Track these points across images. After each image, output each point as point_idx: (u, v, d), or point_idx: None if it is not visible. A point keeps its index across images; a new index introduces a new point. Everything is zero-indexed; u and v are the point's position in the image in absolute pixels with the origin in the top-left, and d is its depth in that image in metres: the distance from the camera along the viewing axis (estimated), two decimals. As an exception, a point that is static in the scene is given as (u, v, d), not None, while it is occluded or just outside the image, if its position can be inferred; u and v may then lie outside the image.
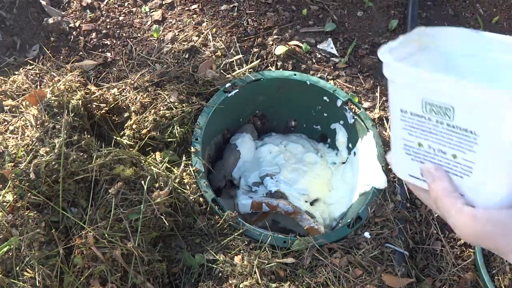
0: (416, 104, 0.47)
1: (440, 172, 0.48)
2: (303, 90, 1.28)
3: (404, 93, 0.47)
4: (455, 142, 0.46)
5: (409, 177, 0.52)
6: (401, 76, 0.46)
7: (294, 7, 1.46)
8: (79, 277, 0.86)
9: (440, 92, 0.44)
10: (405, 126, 0.49)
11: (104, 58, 1.36)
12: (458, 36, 0.51)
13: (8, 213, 0.91)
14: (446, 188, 0.47)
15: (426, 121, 0.47)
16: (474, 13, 1.50)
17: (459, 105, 0.44)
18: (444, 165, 0.48)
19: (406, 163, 0.52)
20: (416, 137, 0.49)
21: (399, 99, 0.49)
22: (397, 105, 0.49)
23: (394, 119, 0.50)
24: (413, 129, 0.49)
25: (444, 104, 0.44)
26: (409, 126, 0.49)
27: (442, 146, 0.47)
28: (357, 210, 1.12)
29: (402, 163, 0.52)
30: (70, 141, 0.98)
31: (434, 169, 0.49)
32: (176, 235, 0.99)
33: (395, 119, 0.50)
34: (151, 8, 1.46)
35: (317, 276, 0.95)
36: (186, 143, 1.13)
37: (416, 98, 0.46)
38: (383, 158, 1.17)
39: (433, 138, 0.48)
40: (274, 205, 1.16)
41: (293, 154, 1.35)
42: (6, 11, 1.41)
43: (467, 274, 1.06)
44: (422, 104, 0.46)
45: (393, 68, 0.47)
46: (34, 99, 1.06)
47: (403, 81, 0.47)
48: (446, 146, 0.47)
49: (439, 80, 0.43)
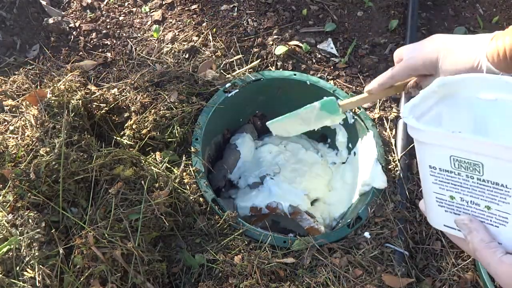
0: (444, 161, 0.47)
1: (476, 223, 0.48)
2: (303, 90, 1.28)
3: (431, 151, 0.48)
4: (488, 194, 0.46)
5: (445, 227, 0.53)
6: (426, 136, 0.47)
7: (294, 7, 1.46)
8: (79, 277, 0.86)
9: (467, 150, 0.45)
10: (435, 181, 0.50)
11: (104, 58, 1.36)
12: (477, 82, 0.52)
13: (8, 213, 0.91)
14: (483, 239, 0.47)
15: (456, 176, 0.48)
16: (474, 13, 1.50)
17: (488, 161, 0.44)
18: (478, 216, 0.49)
19: (440, 214, 0.52)
20: (447, 191, 0.49)
21: (426, 156, 0.49)
22: (425, 161, 0.49)
23: (424, 174, 0.51)
24: (444, 184, 0.49)
25: (473, 161, 0.45)
26: (439, 181, 0.49)
27: (475, 198, 0.48)
28: (357, 210, 1.12)
29: (436, 215, 0.53)
30: (70, 141, 0.98)
31: (469, 220, 0.49)
32: (176, 235, 0.99)
33: (425, 174, 0.50)
34: (151, 8, 1.46)
35: (317, 276, 0.95)
36: (186, 143, 1.13)
37: (444, 156, 0.47)
38: (383, 158, 1.17)
39: (464, 191, 0.48)
40: (274, 207, 1.16)
41: (293, 154, 1.35)
42: (6, 11, 1.41)
43: (467, 274, 1.06)
44: (451, 161, 0.47)
45: (417, 130, 0.47)
46: (34, 99, 1.06)
47: (429, 141, 0.47)
48: (479, 198, 0.47)
49: (466, 140, 0.44)
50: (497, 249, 0.46)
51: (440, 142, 0.46)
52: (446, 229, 0.53)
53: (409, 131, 0.49)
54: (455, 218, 0.50)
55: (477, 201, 0.48)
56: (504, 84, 0.50)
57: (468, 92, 0.53)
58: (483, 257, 0.47)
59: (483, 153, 0.44)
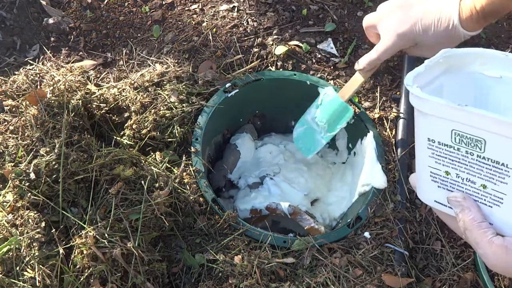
0: (444, 134, 0.46)
1: (469, 201, 0.47)
2: (303, 90, 1.28)
3: (432, 123, 0.46)
4: (486, 173, 0.45)
5: (435, 203, 0.52)
6: (429, 107, 0.45)
7: (294, 7, 1.46)
8: (79, 277, 0.86)
9: (471, 125, 0.43)
10: (432, 154, 0.48)
11: (104, 58, 1.36)
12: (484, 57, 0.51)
13: (8, 213, 0.91)
14: (475, 218, 0.46)
15: (455, 151, 0.46)
16: (474, 13, 1.50)
17: (491, 138, 0.43)
18: (472, 194, 0.48)
19: (432, 189, 0.51)
20: (443, 166, 0.48)
21: (426, 128, 0.48)
22: (424, 134, 0.48)
23: (420, 146, 0.49)
24: (441, 158, 0.48)
25: (475, 136, 0.44)
26: (436, 155, 0.48)
27: (472, 176, 0.47)
28: (357, 210, 1.12)
29: (427, 189, 0.52)
30: (70, 141, 0.98)
31: (462, 198, 0.48)
32: (176, 235, 0.99)
33: (421, 146, 0.49)
34: (151, 8, 1.46)
35: (317, 276, 0.95)
36: (186, 143, 1.13)
37: (445, 129, 0.45)
38: (383, 158, 1.17)
39: (461, 168, 0.47)
40: (273, 208, 1.17)
41: (293, 154, 1.35)
42: (6, 11, 1.42)
43: (467, 274, 1.06)
44: (452, 135, 0.45)
45: (421, 99, 0.46)
46: (34, 99, 1.06)
47: (431, 112, 0.46)
48: (476, 176, 0.46)
49: (470, 113, 0.42)
50: (488, 229, 0.46)
51: (443, 114, 0.44)
52: (436, 205, 0.52)
53: (411, 100, 0.47)
54: (448, 194, 0.49)
55: (474, 179, 0.47)
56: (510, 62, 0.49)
57: (473, 67, 0.51)
58: (473, 237, 0.46)
59: (488, 129, 0.42)
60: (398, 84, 1.35)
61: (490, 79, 0.51)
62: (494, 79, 0.51)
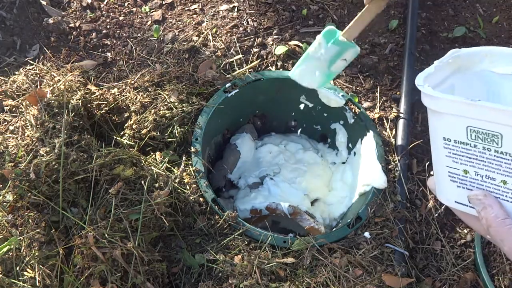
0: (460, 132, 0.45)
1: (490, 199, 0.47)
2: (303, 90, 1.28)
3: (446, 121, 0.46)
4: (505, 168, 0.45)
5: (456, 204, 0.51)
6: (443, 105, 0.45)
7: (294, 7, 1.46)
8: (79, 277, 0.86)
9: (486, 119, 0.43)
10: (449, 154, 0.48)
11: (104, 58, 1.36)
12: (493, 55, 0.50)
13: (8, 213, 0.91)
14: (498, 215, 0.46)
15: (471, 148, 0.46)
16: (474, 13, 1.50)
17: (507, 132, 0.42)
18: (493, 191, 0.47)
19: (451, 190, 0.50)
20: (461, 164, 0.48)
21: (441, 127, 0.47)
22: (439, 133, 0.47)
23: (436, 146, 0.49)
24: (458, 157, 0.47)
25: (491, 131, 0.43)
26: (453, 154, 0.47)
27: (491, 172, 0.46)
28: (357, 210, 1.12)
29: (447, 190, 0.51)
30: (70, 141, 0.98)
31: (483, 195, 0.47)
32: (176, 235, 0.99)
33: (437, 146, 0.48)
34: (151, 8, 1.46)
35: (317, 276, 0.95)
36: (186, 143, 1.13)
37: (460, 126, 0.45)
38: (383, 158, 1.17)
39: (480, 165, 0.46)
40: (273, 208, 1.16)
41: (293, 154, 1.35)
42: (6, 11, 1.42)
43: (467, 274, 1.06)
44: (467, 132, 0.45)
45: (434, 98, 0.45)
46: (34, 99, 1.06)
47: (445, 110, 0.45)
48: (495, 172, 0.46)
49: (485, 108, 0.42)
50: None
51: (457, 111, 0.44)
52: (457, 206, 0.51)
53: (424, 100, 0.47)
54: (468, 193, 0.48)
55: (493, 175, 0.46)
56: None
57: (483, 65, 0.51)
58: (497, 234, 0.45)
59: (504, 123, 0.42)
60: (398, 84, 1.35)
61: (500, 77, 0.51)
62: (504, 76, 0.50)
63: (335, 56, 1.07)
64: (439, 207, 1.16)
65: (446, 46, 1.43)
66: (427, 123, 1.42)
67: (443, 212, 1.16)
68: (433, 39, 1.44)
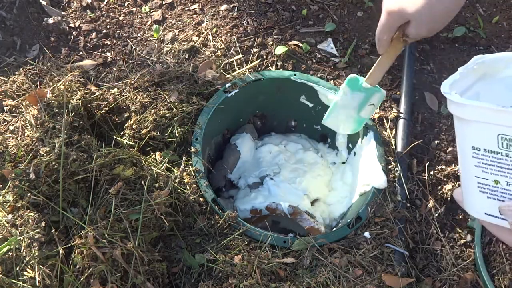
0: (490, 141, 0.43)
1: None
2: (303, 90, 1.28)
3: (475, 129, 0.44)
4: None
5: (486, 216, 0.49)
6: (472, 113, 0.43)
7: (294, 7, 1.46)
8: (79, 277, 0.86)
9: None
10: (478, 164, 0.46)
11: (104, 58, 1.36)
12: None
13: (8, 213, 0.91)
14: None
15: (503, 158, 0.44)
16: (474, 13, 1.50)
17: None
18: None
19: (481, 201, 0.48)
20: (492, 174, 0.46)
21: (469, 136, 0.45)
22: (468, 142, 0.45)
23: (464, 156, 0.47)
24: (488, 166, 0.45)
25: None
26: (482, 164, 0.45)
27: None
28: (357, 210, 1.12)
29: (476, 202, 0.49)
30: (70, 141, 0.98)
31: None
32: (176, 235, 0.99)
33: (466, 156, 0.46)
34: (151, 8, 1.46)
35: (317, 276, 0.95)
36: (186, 143, 1.13)
37: (491, 134, 0.43)
38: (383, 158, 1.17)
39: None
40: (273, 208, 1.17)
41: (293, 154, 1.35)
42: (6, 11, 1.42)
43: (467, 274, 1.06)
44: (498, 140, 0.43)
45: (461, 105, 0.43)
46: (34, 99, 1.06)
47: (474, 118, 0.43)
48: None
49: None
50: None
51: (487, 118, 0.42)
52: (487, 218, 0.49)
53: (450, 108, 0.45)
54: (500, 204, 0.46)
55: None
56: None
57: (508, 71, 0.49)
58: None
59: None
60: (398, 84, 1.35)
61: None
62: None
63: (362, 103, 1.10)
64: (439, 207, 1.16)
65: (446, 46, 1.43)
66: (427, 123, 1.42)
67: (443, 212, 1.16)
68: (433, 39, 1.44)
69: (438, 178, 1.21)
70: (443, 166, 1.22)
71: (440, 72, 1.39)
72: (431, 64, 1.40)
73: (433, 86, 1.36)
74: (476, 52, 1.42)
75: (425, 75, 1.38)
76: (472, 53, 1.42)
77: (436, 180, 1.20)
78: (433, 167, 1.22)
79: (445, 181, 1.20)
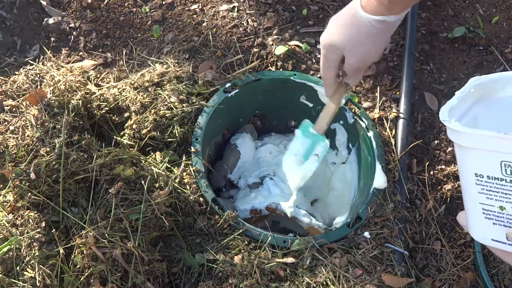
0: (493, 167, 0.42)
1: None
2: (303, 90, 1.28)
3: (477, 157, 0.43)
4: None
5: (493, 242, 0.48)
6: (473, 141, 0.42)
7: (294, 7, 1.46)
8: (79, 277, 0.86)
9: None
10: (482, 190, 0.45)
11: (104, 58, 1.36)
12: None
13: (8, 213, 0.91)
14: None
15: (507, 184, 0.43)
16: (474, 13, 1.50)
17: None
18: None
19: (486, 227, 0.47)
20: (496, 201, 0.45)
21: (472, 163, 0.44)
22: (470, 169, 0.45)
23: (467, 183, 0.46)
24: (493, 193, 0.44)
25: None
26: (486, 190, 0.45)
27: None
28: (357, 210, 1.12)
29: (482, 228, 0.48)
30: (70, 141, 0.98)
31: None
32: (176, 235, 0.99)
33: (469, 183, 0.46)
34: (151, 8, 1.46)
35: (317, 276, 0.95)
36: (186, 143, 1.13)
37: (493, 161, 0.42)
38: (383, 158, 1.17)
39: None
40: (273, 208, 1.17)
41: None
42: (6, 11, 1.42)
43: (467, 274, 1.06)
44: (501, 167, 0.42)
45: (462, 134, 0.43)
46: (34, 99, 1.06)
47: (476, 146, 0.42)
48: None
49: None
50: None
51: (490, 146, 0.41)
52: (494, 244, 0.48)
53: (450, 136, 0.45)
54: (507, 231, 0.45)
55: None
56: None
57: (505, 92, 0.49)
58: None
59: None
60: (398, 84, 1.35)
61: None
62: None
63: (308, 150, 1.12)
64: (439, 207, 1.16)
65: (446, 46, 1.43)
66: (426, 123, 1.42)
67: (443, 212, 1.16)
68: (433, 39, 1.44)
69: (438, 178, 1.21)
70: (443, 166, 1.22)
71: (440, 72, 1.39)
72: (431, 64, 1.40)
73: (433, 86, 1.36)
74: (476, 52, 1.42)
75: (425, 75, 1.38)
76: (472, 53, 1.42)
77: (436, 180, 1.20)
78: (433, 167, 1.22)
79: (445, 181, 1.20)
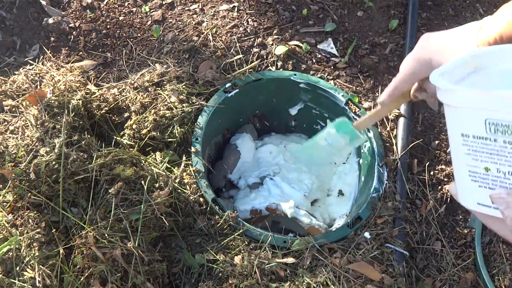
0: (478, 126, 0.42)
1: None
2: (303, 90, 1.28)
3: (463, 116, 0.43)
4: None
5: (478, 206, 0.48)
6: (458, 98, 0.43)
7: (294, 7, 1.46)
8: (79, 277, 0.86)
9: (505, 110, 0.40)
10: (468, 151, 0.45)
11: (104, 58, 1.36)
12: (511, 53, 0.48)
13: (8, 213, 0.91)
14: None
15: (491, 143, 0.43)
16: (474, 13, 1.50)
17: None
18: None
19: (473, 191, 0.47)
20: (481, 162, 0.45)
21: (458, 123, 0.45)
22: (457, 130, 0.45)
23: (455, 145, 0.46)
24: (478, 153, 0.44)
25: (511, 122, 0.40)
26: (472, 151, 0.45)
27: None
28: (357, 210, 1.12)
29: (468, 192, 0.48)
30: (70, 141, 0.98)
31: (506, 194, 0.44)
32: (176, 235, 0.99)
33: (456, 145, 0.46)
34: (151, 8, 1.46)
35: (317, 276, 0.95)
36: (186, 143, 1.13)
37: (478, 120, 0.42)
38: (383, 158, 1.17)
39: (501, 161, 0.43)
40: (273, 208, 1.16)
41: (293, 154, 1.35)
42: (6, 11, 1.41)
43: (467, 274, 1.06)
44: (486, 125, 0.42)
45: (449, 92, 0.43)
46: (34, 99, 1.06)
47: (462, 104, 0.43)
48: None
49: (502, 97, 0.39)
50: None
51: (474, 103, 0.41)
52: (479, 208, 0.47)
53: (440, 96, 0.45)
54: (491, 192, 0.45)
55: None
56: None
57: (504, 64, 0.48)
58: None
59: None
60: (398, 84, 1.34)
61: None
62: None
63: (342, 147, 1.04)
64: (439, 207, 1.16)
65: (446, 46, 1.43)
66: (427, 123, 1.42)
67: (444, 212, 1.16)
68: (433, 39, 1.44)
69: (438, 178, 1.21)
70: (443, 166, 1.22)
71: (440, 72, 1.39)
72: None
73: (433, 86, 1.36)
74: (476, 52, 1.42)
75: (425, 75, 1.38)
76: (472, 53, 1.42)
77: (436, 180, 1.20)
78: (433, 167, 1.22)
79: (445, 181, 1.20)
